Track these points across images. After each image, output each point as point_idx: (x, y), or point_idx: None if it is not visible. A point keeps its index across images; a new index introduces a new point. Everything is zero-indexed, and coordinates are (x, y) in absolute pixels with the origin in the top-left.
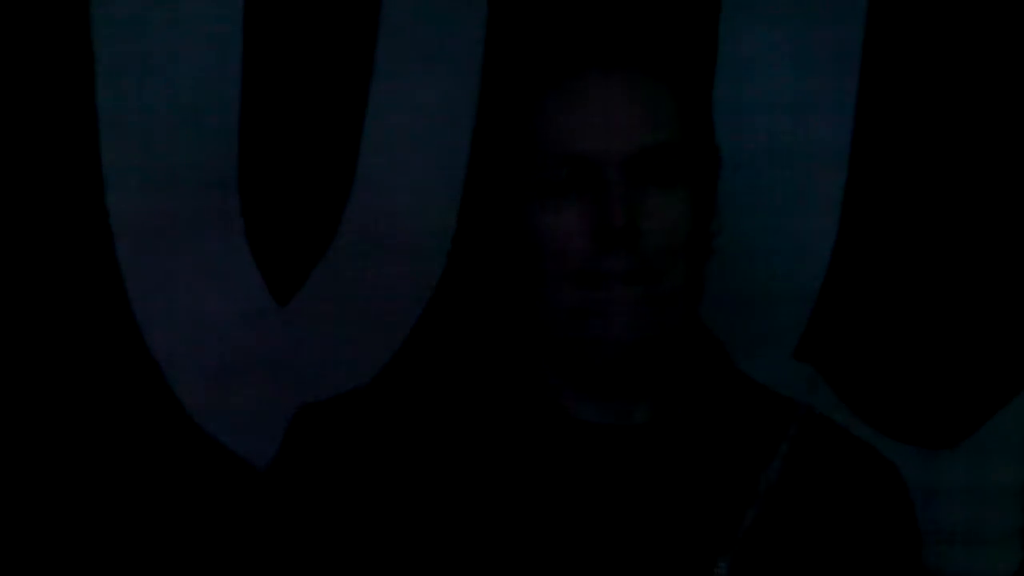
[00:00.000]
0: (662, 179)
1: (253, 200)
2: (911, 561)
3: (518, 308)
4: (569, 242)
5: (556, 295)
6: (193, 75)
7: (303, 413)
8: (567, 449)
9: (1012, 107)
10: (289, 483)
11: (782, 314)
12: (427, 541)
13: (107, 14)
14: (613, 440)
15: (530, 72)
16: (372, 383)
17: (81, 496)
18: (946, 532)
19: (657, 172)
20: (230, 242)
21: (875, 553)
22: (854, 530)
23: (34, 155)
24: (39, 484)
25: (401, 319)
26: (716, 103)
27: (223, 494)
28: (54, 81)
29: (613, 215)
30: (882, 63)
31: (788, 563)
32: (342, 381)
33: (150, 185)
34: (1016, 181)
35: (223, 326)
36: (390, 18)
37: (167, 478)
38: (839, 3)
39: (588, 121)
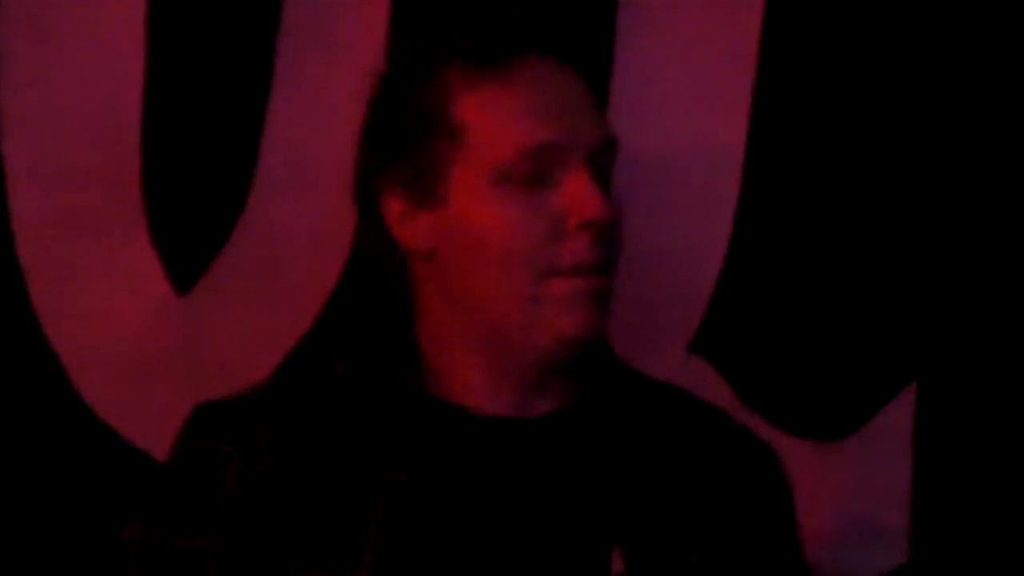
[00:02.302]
0: (606, 172)
1: (155, 191)
2: (788, 532)
3: (426, 301)
4: (536, 233)
5: (513, 287)
6: (95, 73)
7: (197, 413)
8: (467, 443)
9: (901, 109)
10: (180, 485)
11: (677, 310)
12: (317, 544)
13: (13, 18)
14: (517, 431)
15: (457, 55)
16: (267, 381)
17: None
18: (835, 528)
19: (605, 165)
20: (131, 234)
21: (755, 530)
22: (735, 511)
23: None
24: None
25: (302, 310)
26: (613, 103)
27: (123, 487)
28: None
29: (598, 206)
30: (777, 66)
31: (678, 548)
32: (243, 372)
33: (51, 180)
34: (904, 180)
35: (123, 317)
36: (291, 15)
37: (67, 471)
38: (735, 6)
39: (554, 113)
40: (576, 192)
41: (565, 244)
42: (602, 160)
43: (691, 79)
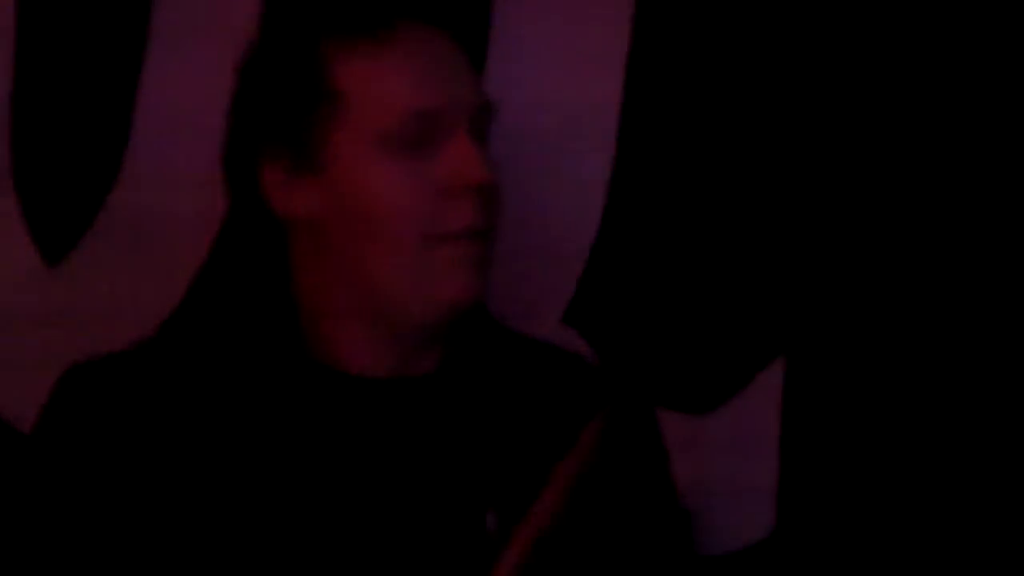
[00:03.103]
0: (484, 136)
1: (24, 164)
2: (661, 480)
3: (304, 268)
4: (418, 198)
5: (398, 253)
6: None
7: (71, 372)
8: (348, 403)
9: (773, 73)
10: (52, 444)
11: (550, 280)
12: (193, 505)
13: None
14: (398, 392)
15: (330, 22)
16: (144, 342)
17: None
18: (706, 484)
19: (482, 129)
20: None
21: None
22: (608, 464)
23: None
24: None
25: (174, 281)
26: (489, 68)
27: None
28: None
29: (482, 170)
30: (651, 34)
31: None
32: (114, 344)
33: None
34: (775, 147)
35: None
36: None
37: None
38: None
39: (434, 77)
40: (459, 156)
41: (449, 208)
42: (480, 124)
43: (565, 47)
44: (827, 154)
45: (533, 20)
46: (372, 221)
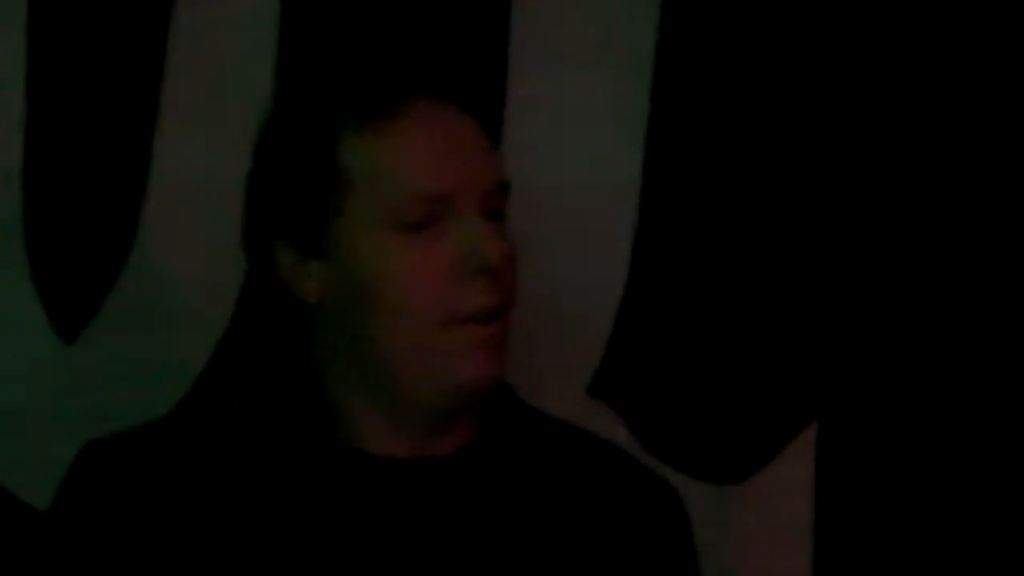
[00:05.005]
0: (499, 215)
1: (38, 242)
2: (689, 573)
3: (322, 348)
4: (430, 281)
5: (406, 338)
6: None
7: (88, 448)
8: (369, 485)
9: (798, 137)
10: (71, 519)
11: (573, 351)
12: None
13: None
14: (418, 473)
15: (341, 103)
16: (162, 418)
17: None
18: (736, 571)
19: (498, 206)
20: (13, 282)
21: (656, 571)
22: (635, 552)
23: None
24: None
25: (192, 356)
26: (506, 144)
27: (7, 539)
28: None
29: (489, 252)
30: (672, 98)
31: None
32: (129, 421)
33: None
34: (800, 214)
35: (3, 366)
36: (177, 52)
37: None
38: (627, 45)
39: (444, 157)
40: (471, 238)
41: (462, 290)
42: (495, 201)
43: (585, 112)
44: (850, 209)
45: (550, 90)
46: (383, 305)
